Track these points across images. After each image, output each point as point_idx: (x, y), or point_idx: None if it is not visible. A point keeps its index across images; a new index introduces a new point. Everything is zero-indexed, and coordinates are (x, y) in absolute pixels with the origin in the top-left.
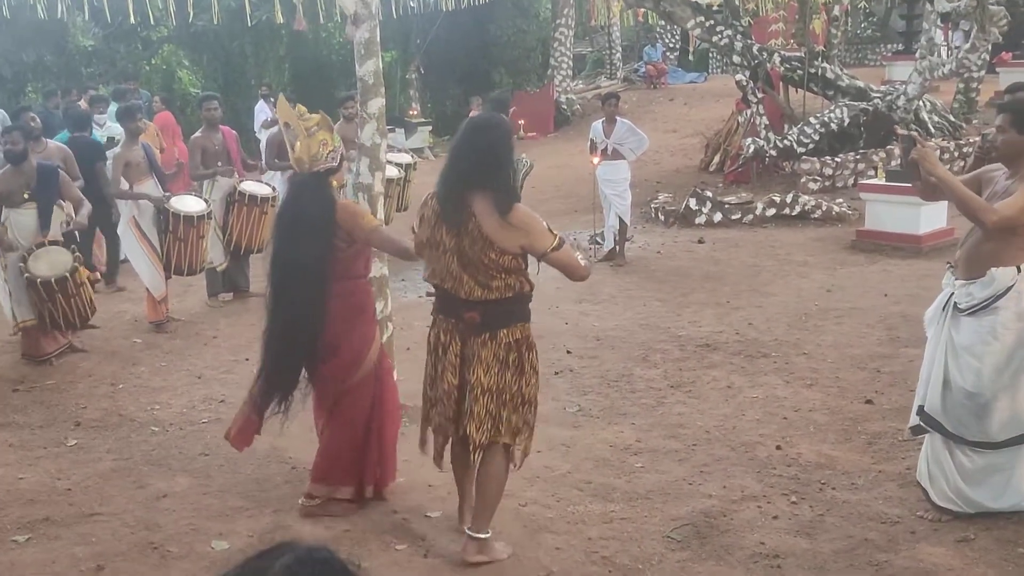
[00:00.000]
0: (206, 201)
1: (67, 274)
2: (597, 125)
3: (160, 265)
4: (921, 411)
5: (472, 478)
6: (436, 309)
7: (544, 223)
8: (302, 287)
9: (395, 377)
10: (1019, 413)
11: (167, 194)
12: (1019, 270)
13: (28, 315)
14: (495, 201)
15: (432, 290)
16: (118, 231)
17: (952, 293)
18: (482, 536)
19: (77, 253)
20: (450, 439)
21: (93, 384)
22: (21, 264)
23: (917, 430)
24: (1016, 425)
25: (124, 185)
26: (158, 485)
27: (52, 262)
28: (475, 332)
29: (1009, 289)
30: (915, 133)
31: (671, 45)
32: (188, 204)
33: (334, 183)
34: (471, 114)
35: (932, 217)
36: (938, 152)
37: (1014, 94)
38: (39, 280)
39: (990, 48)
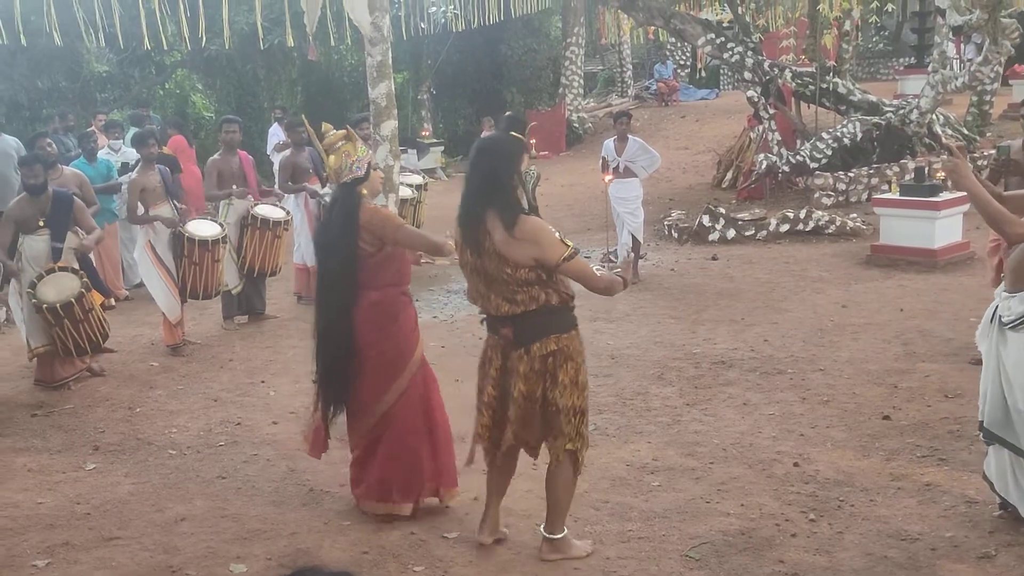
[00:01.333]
0: (221, 225)
1: (73, 300)
2: (609, 143)
3: (175, 289)
4: (982, 426)
5: (503, 493)
6: (485, 326)
7: (556, 234)
8: (333, 294)
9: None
10: None
11: (182, 220)
12: None
13: (41, 341)
14: (500, 217)
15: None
16: (134, 255)
17: (999, 305)
18: (555, 536)
19: (85, 279)
20: (492, 450)
21: (111, 408)
22: (30, 290)
23: (987, 441)
24: None
25: (140, 210)
26: (176, 508)
27: (60, 287)
28: (512, 347)
29: None
30: (955, 144)
31: (682, 62)
32: (203, 228)
33: (363, 191)
34: (483, 134)
35: (947, 231)
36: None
37: None
38: (45, 306)
39: (1003, 61)
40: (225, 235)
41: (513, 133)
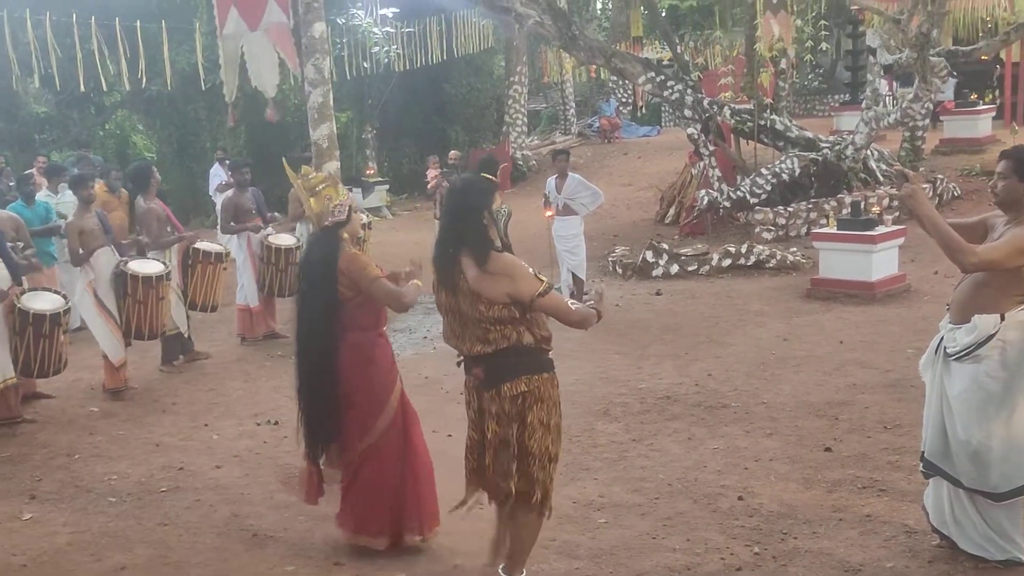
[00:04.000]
0: (164, 263)
1: (64, 311)
2: (551, 181)
3: (118, 331)
4: (923, 457)
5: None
6: (462, 367)
7: (530, 269)
8: (314, 336)
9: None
10: (1017, 464)
11: (123, 259)
12: (1002, 318)
13: (9, 372)
14: (472, 254)
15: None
16: (74, 299)
17: (943, 336)
18: None
19: (65, 297)
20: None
21: (49, 455)
22: (17, 304)
23: (926, 474)
24: (1018, 476)
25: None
26: (116, 557)
27: (47, 299)
28: (484, 387)
29: (991, 337)
30: (908, 170)
31: (624, 100)
32: (147, 266)
33: (345, 235)
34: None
35: (884, 264)
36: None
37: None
38: (49, 313)
39: (933, 98)
40: (169, 271)
41: (484, 174)
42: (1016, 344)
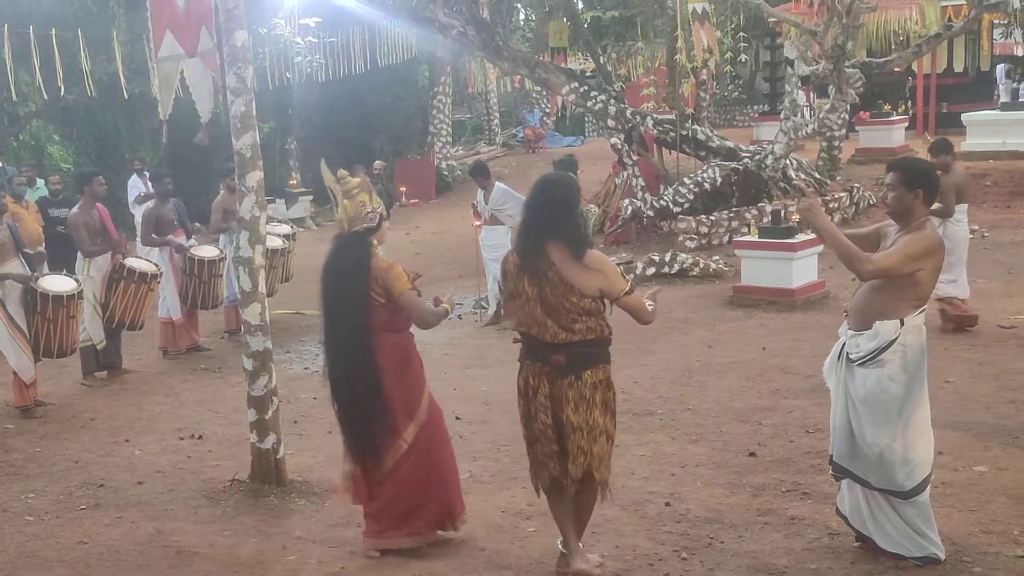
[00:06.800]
0: (77, 280)
1: None
2: (480, 191)
3: (28, 347)
4: (831, 460)
5: (568, 512)
6: (523, 355)
7: (619, 269)
8: (350, 339)
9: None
10: (918, 461)
11: (34, 274)
12: (902, 323)
13: None
14: (570, 247)
15: (519, 336)
16: None
17: (845, 343)
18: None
19: None
20: (561, 479)
21: None
22: None
23: (836, 477)
24: (919, 472)
25: None
26: None
27: None
28: (561, 374)
29: (892, 342)
30: (806, 186)
31: (547, 110)
32: (57, 284)
33: (374, 241)
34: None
35: (804, 271)
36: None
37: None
38: None
39: (849, 108)
40: (80, 290)
41: (570, 173)
42: (915, 347)
